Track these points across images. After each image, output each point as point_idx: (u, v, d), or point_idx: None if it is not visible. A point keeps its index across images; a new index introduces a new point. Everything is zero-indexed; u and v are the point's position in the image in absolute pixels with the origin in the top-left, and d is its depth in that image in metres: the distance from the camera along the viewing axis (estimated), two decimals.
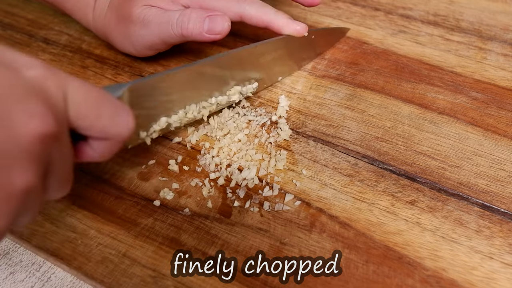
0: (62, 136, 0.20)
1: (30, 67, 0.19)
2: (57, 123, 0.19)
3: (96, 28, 0.39)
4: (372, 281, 0.26)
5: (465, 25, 0.45)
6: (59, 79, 0.20)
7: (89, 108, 0.22)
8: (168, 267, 0.27)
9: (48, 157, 0.20)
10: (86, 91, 0.22)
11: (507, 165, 0.32)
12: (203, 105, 0.33)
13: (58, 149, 0.20)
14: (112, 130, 0.23)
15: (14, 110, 0.17)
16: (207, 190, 0.31)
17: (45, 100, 0.19)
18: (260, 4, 0.35)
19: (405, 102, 0.37)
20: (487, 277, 0.26)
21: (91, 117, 0.22)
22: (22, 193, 0.18)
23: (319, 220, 0.29)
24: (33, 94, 0.18)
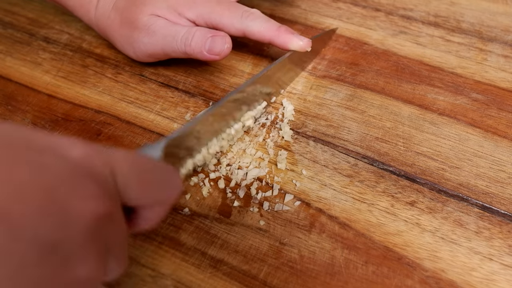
0: (116, 214, 0.19)
1: (71, 148, 0.18)
2: (111, 201, 0.18)
3: (97, 26, 0.39)
4: (372, 282, 0.26)
5: (465, 26, 0.45)
6: (103, 156, 0.19)
7: (138, 180, 0.21)
8: (167, 267, 0.27)
9: (106, 238, 0.19)
10: (131, 162, 0.21)
11: (507, 167, 0.32)
12: (222, 137, 0.32)
13: (114, 227, 0.19)
14: (163, 196, 0.22)
15: (68, 195, 0.16)
16: (207, 190, 0.31)
17: (95, 179, 0.18)
18: (263, 19, 0.35)
19: (405, 103, 0.37)
20: (487, 278, 0.26)
21: (142, 188, 0.21)
22: (84, 284, 0.17)
23: (319, 220, 0.29)
24: (82, 176, 0.17)
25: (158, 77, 0.39)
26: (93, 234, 0.17)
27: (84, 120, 0.35)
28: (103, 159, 0.19)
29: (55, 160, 0.17)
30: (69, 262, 0.16)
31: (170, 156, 0.27)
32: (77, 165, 0.18)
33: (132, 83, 0.39)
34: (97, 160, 0.19)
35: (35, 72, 0.40)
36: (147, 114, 0.36)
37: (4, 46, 0.42)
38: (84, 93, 0.38)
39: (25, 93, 0.38)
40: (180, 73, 0.40)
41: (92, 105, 0.37)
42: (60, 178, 0.17)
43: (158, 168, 0.22)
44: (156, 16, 0.35)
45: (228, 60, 0.41)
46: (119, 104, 0.37)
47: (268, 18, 0.36)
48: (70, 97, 0.37)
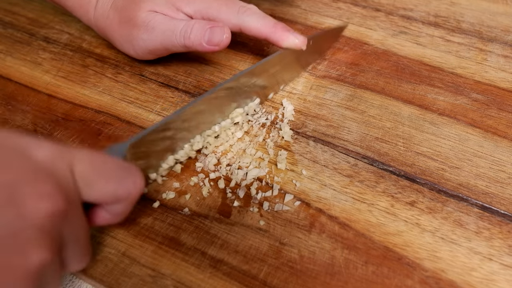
0: (73, 211, 0.21)
1: (37, 149, 0.20)
2: (66, 200, 0.20)
3: (97, 26, 0.39)
4: (372, 282, 0.26)
5: (465, 27, 0.45)
6: (65, 156, 0.21)
7: (97, 177, 0.22)
8: (167, 267, 0.27)
9: (61, 232, 0.20)
10: (91, 161, 0.22)
11: (507, 167, 0.32)
12: (208, 133, 0.33)
13: (70, 223, 0.21)
14: (122, 193, 0.23)
15: (24, 192, 0.18)
16: (207, 190, 0.31)
17: (53, 179, 0.20)
18: (259, 15, 0.35)
19: (405, 103, 0.37)
20: (486, 278, 0.26)
21: (100, 184, 0.22)
22: (38, 270, 0.19)
23: (319, 220, 0.29)
24: (41, 175, 0.19)
25: (158, 77, 0.39)
26: (47, 229, 0.19)
27: (84, 120, 0.35)
28: (65, 158, 0.21)
29: (20, 160, 0.19)
30: (23, 251, 0.18)
31: (141, 153, 0.28)
32: (39, 165, 0.20)
33: (132, 83, 0.39)
34: (59, 160, 0.21)
35: (35, 72, 0.40)
36: (147, 114, 0.36)
37: (4, 46, 0.42)
38: (84, 93, 0.38)
39: (25, 93, 0.38)
40: (180, 73, 0.40)
41: (92, 105, 0.37)
42: (21, 177, 0.19)
43: (117, 166, 0.24)
44: (154, 12, 0.35)
45: (228, 60, 0.41)
46: (119, 104, 0.37)
47: (265, 15, 0.36)
48: (70, 97, 0.37)
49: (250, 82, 0.34)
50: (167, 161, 0.31)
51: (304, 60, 0.39)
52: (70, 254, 0.22)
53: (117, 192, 0.23)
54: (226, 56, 0.41)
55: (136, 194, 0.24)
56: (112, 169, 0.23)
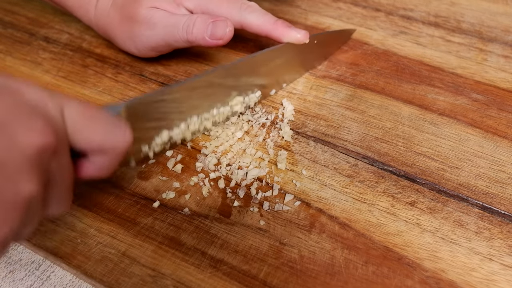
0: (61, 150, 0.22)
1: (29, 89, 0.21)
2: (56, 137, 0.21)
3: (97, 25, 0.39)
4: (372, 282, 0.26)
5: (466, 27, 0.45)
6: (57, 100, 0.22)
7: (85, 124, 0.23)
8: (167, 267, 0.27)
9: (48, 169, 0.21)
10: (83, 109, 0.23)
11: (507, 167, 0.32)
12: (205, 116, 0.33)
13: (58, 162, 0.21)
14: (108, 143, 0.24)
15: (17, 126, 0.19)
16: (207, 190, 0.31)
17: (45, 117, 0.20)
18: (260, 12, 0.35)
19: (405, 103, 0.37)
20: (487, 278, 0.26)
21: (88, 131, 0.23)
22: (27, 201, 0.19)
23: (319, 220, 0.29)
24: (33, 112, 0.20)
25: (158, 77, 0.39)
26: (36, 161, 0.19)
27: None
28: (57, 103, 0.22)
29: (11, 98, 0.20)
30: (13, 179, 0.19)
31: (135, 120, 0.28)
32: (30, 103, 0.20)
33: (132, 83, 0.39)
34: (51, 103, 0.21)
35: (35, 71, 0.40)
36: None
37: (4, 46, 0.42)
38: (84, 93, 0.38)
39: None
40: (180, 73, 0.40)
41: None
42: (12, 112, 0.19)
43: (107, 118, 0.24)
44: (155, 8, 0.35)
45: (227, 60, 0.41)
46: None
47: (265, 12, 0.36)
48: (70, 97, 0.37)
49: (250, 78, 0.34)
50: (161, 135, 0.31)
51: (308, 61, 0.39)
52: (53, 195, 0.22)
53: (104, 142, 0.24)
54: (226, 57, 0.41)
55: (123, 147, 0.24)
56: (101, 119, 0.24)
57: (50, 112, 0.21)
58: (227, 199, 0.30)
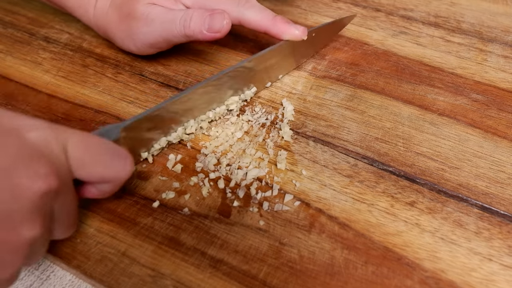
0: (64, 189, 0.22)
1: (31, 129, 0.21)
2: (59, 179, 0.21)
3: (97, 25, 0.39)
4: (371, 282, 0.26)
5: (466, 27, 0.45)
6: (59, 136, 0.22)
7: (88, 158, 0.24)
8: (167, 267, 0.27)
9: (52, 208, 0.22)
10: (84, 143, 0.24)
11: (507, 167, 0.32)
12: (202, 118, 0.34)
13: (61, 200, 0.22)
14: (110, 175, 0.25)
15: (20, 173, 0.19)
16: (207, 190, 0.31)
17: (48, 159, 0.21)
18: (258, 8, 0.35)
19: (405, 103, 0.37)
20: (486, 278, 0.26)
21: (91, 166, 0.24)
22: (29, 244, 0.20)
23: (319, 220, 0.29)
24: (35, 156, 0.20)
25: (158, 77, 0.39)
26: (40, 206, 0.20)
27: (84, 120, 0.35)
28: (59, 139, 0.22)
29: (14, 141, 0.20)
30: (16, 228, 0.19)
31: (134, 136, 0.29)
32: (33, 146, 0.21)
33: (132, 83, 0.39)
34: (53, 141, 0.22)
35: (35, 71, 0.40)
36: None
37: (4, 46, 0.42)
38: (84, 93, 0.38)
39: (25, 92, 0.38)
40: (180, 73, 0.40)
41: (92, 105, 0.37)
42: (16, 158, 0.19)
43: (108, 149, 0.25)
44: (152, 5, 0.35)
45: (227, 60, 0.41)
46: (119, 104, 0.37)
47: (264, 8, 0.36)
48: (70, 96, 0.37)
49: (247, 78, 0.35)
50: (159, 142, 0.32)
51: (306, 51, 0.39)
52: (59, 225, 0.24)
53: (106, 174, 0.25)
54: (226, 56, 0.41)
55: (124, 177, 0.25)
56: (103, 151, 0.24)
57: (53, 152, 0.22)
58: (227, 199, 0.30)
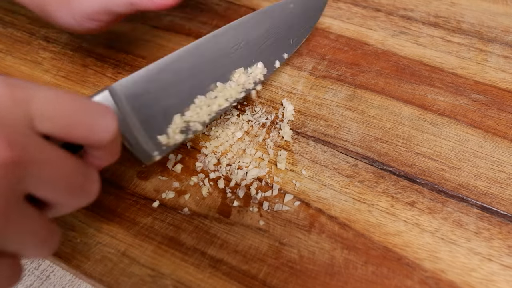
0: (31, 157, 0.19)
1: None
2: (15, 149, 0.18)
3: (37, 4, 0.34)
4: (371, 282, 0.26)
5: (466, 27, 0.45)
6: (20, 93, 0.19)
7: (61, 119, 0.20)
8: (167, 266, 0.27)
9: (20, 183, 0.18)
10: (55, 101, 0.20)
11: (507, 167, 0.32)
12: (213, 95, 0.31)
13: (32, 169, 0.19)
14: (93, 137, 0.21)
15: None
16: (207, 190, 0.31)
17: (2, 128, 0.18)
18: None
19: (405, 103, 0.37)
20: (486, 279, 0.26)
21: (67, 127, 0.20)
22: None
23: (319, 220, 0.29)
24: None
25: None
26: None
27: None
28: (19, 98, 0.19)
29: None
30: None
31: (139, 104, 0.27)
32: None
33: None
34: (10, 102, 0.18)
35: (35, 71, 0.40)
36: None
37: (4, 45, 0.42)
38: (84, 93, 0.38)
39: None
40: None
41: None
42: None
43: (87, 107, 0.21)
44: None
45: None
46: None
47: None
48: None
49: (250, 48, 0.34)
50: (174, 121, 0.29)
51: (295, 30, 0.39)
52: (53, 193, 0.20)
53: (87, 136, 0.21)
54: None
55: (108, 139, 0.21)
56: (79, 110, 0.20)
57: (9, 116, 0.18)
58: (227, 199, 0.30)
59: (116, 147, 0.23)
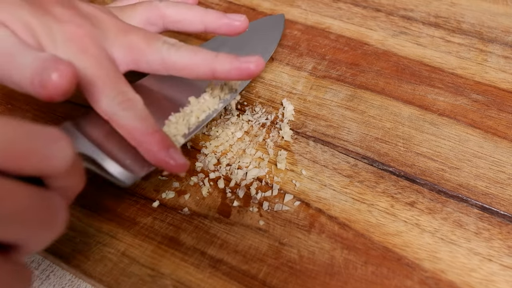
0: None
1: None
2: None
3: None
4: (371, 282, 0.26)
5: (466, 27, 0.45)
6: None
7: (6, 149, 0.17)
8: (167, 266, 0.27)
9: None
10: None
11: (507, 167, 0.32)
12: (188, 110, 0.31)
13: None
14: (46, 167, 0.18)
15: None
16: (207, 190, 0.31)
17: None
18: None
19: (405, 103, 0.37)
20: (486, 279, 0.26)
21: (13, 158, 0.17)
22: None
23: (318, 220, 0.29)
24: None
25: None
26: None
27: None
28: None
29: None
30: None
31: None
32: None
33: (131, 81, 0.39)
34: None
35: None
36: None
37: None
38: None
39: None
40: None
41: None
42: None
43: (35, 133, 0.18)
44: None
45: None
46: None
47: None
48: (70, 96, 0.37)
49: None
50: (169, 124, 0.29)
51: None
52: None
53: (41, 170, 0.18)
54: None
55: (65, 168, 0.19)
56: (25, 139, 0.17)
57: None
58: (227, 199, 0.30)
59: (77, 175, 0.21)
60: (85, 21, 0.27)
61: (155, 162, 0.26)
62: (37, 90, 0.23)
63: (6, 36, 0.24)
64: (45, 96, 0.23)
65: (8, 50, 0.24)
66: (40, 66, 0.23)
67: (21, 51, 0.24)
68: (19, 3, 0.26)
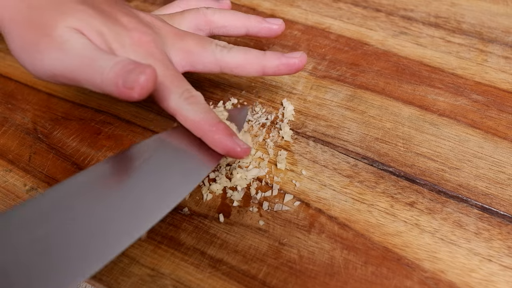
0: None
1: None
2: None
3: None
4: (371, 282, 0.26)
5: (466, 27, 0.45)
6: None
7: None
8: (166, 266, 0.27)
9: None
10: None
11: (507, 168, 0.32)
12: None
13: None
14: None
15: None
16: (207, 190, 0.31)
17: None
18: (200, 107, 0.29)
19: (405, 103, 0.37)
20: (486, 279, 0.26)
21: None
22: None
23: (318, 220, 0.29)
24: None
25: None
26: None
27: (84, 119, 0.35)
28: None
29: None
30: None
31: None
32: None
33: None
34: None
35: None
36: (147, 113, 0.36)
37: (4, 45, 0.42)
38: (84, 92, 0.38)
39: (25, 91, 0.38)
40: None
41: (92, 104, 0.37)
42: None
43: None
44: (78, 32, 0.28)
45: None
46: (119, 103, 0.37)
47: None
48: (70, 96, 0.37)
49: None
50: None
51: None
52: None
53: None
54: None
55: None
56: None
57: None
58: (227, 199, 0.30)
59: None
60: (148, 28, 0.30)
61: (223, 149, 0.27)
62: (121, 91, 0.25)
63: (86, 43, 0.27)
64: (127, 96, 0.25)
65: (89, 55, 0.27)
66: (123, 69, 0.25)
67: (100, 55, 0.27)
68: (91, 13, 0.28)
